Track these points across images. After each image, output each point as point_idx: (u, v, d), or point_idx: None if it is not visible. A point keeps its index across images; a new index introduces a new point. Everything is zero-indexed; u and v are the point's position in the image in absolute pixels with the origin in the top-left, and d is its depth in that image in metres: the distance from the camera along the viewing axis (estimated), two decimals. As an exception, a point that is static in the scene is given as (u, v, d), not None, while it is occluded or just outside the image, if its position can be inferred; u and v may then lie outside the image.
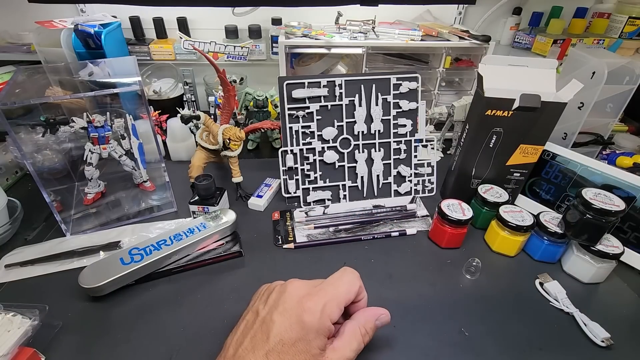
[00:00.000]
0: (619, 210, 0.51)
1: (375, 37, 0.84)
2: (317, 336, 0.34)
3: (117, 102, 0.64)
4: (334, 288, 0.37)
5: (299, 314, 0.34)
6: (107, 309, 0.49)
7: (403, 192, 0.71)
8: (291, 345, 0.33)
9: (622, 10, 0.92)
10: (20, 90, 0.55)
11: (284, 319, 0.34)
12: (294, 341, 0.33)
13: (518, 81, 0.59)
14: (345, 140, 0.67)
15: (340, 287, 0.37)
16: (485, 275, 0.56)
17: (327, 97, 0.65)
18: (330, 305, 0.35)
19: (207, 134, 0.68)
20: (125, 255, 0.52)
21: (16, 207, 0.62)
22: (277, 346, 0.32)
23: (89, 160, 0.63)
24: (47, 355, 0.43)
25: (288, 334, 0.33)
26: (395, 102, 0.67)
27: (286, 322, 0.34)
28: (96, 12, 0.93)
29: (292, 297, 0.36)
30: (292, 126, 0.65)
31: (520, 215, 0.59)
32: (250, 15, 0.93)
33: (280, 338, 0.33)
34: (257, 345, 0.33)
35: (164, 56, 0.97)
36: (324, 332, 0.34)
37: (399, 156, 0.70)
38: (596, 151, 0.81)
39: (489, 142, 0.62)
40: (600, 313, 0.50)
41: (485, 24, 1.04)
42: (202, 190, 0.62)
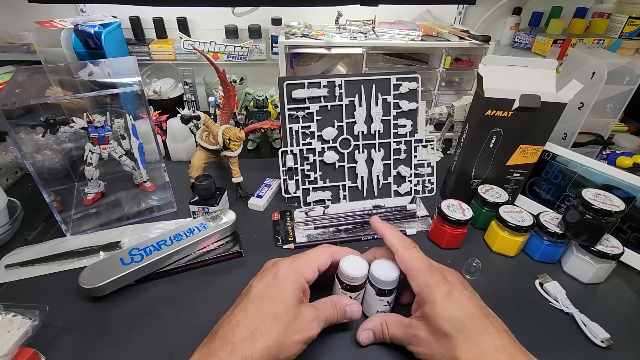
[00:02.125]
0: (619, 210, 0.51)
1: (375, 37, 0.84)
2: (290, 286, 0.39)
3: (117, 102, 0.64)
4: (305, 254, 0.44)
5: (275, 273, 0.40)
6: (107, 309, 0.49)
7: (403, 193, 0.71)
8: (267, 296, 0.38)
9: (622, 10, 0.92)
10: (20, 90, 0.55)
11: (261, 281, 0.40)
12: (269, 292, 0.38)
13: (518, 81, 0.59)
14: (345, 141, 0.67)
15: (310, 253, 0.44)
16: (485, 276, 0.56)
17: (327, 97, 0.65)
18: (302, 264, 0.41)
19: (207, 134, 0.68)
20: (125, 255, 0.52)
21: (16, 207, 0.62)
22: (254, 299, 0.38)
23: (89, 160, 0.63)
24: (47, 355, 0.43)
25: (265, 289, 0.39)
26: (395, 102, 0.67)
27: (264, 281, 0.40)
28: (96, 12, 0.93)
29: (269, 265, 0.43)
30: (292, 126, 0.65)
31: (520, 216, 0.59)
32: (250, 15, 0.93)
33: (258, 293, 0.38)
34: (236, 308, 0.38)
35: (164, 56, 0.97)
36: (297, 284, 0.39)
37: (399, 156, 0.70)
38: (596, 151, 0.81)
39: (489, 142, 0.62)
40: (600, 313, 0.50)
41: (485, 24, 1.04)
42: (202, 190, 0.62)
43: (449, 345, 0.36)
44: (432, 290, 0.38)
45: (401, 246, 0.42)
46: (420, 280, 0.39)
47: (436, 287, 0.38)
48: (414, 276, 0.40)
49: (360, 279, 0.44)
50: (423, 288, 0.39)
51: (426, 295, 0.39)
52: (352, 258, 0.45)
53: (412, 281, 0.40)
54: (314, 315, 0.39)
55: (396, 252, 0.42)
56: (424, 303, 0.39)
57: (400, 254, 0.42)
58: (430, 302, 0.38)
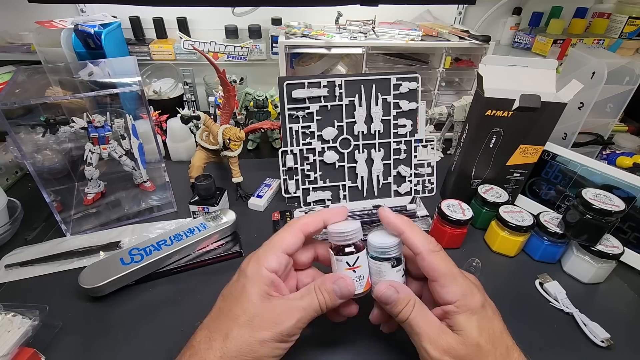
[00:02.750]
0: (619, 210, 0.51)
1: (375, 37, 0.84)
2: (251, 283, 0.35)
3: (117, 102, 0.65)
4: (268, 241, 0.38)
5: (241, 270, 0.37)
6: (107, 309, 0.49)
7: (403, 192, 0.71)
8: (229, 296, 0.36)
9: (622, 10, 0.92)
10: (20, 90, 0.55)
11: (229, 282, 0.38)
12: (233, 292, 0.36)
13: (518, 81, 0.59)
14: (345, 141, 0.67)
15: (272, 238, 0.39)
16: (485, 276, 0.56)
17: (327, 97, 0.65)
18: (263, 254, 0.37)
19: (207, 134, 0.68)
20: (125, 255, 0.52)
21: (16, 207, 0.62)
22: (219, 301, 0.37)
23: (89, 160, 0.63)
24: (47, 355, 0.43)
25: (228, 289, 0.37)
26: (395, 102, 0.67)
27: (231, 281, 0.38)
28: (96, 12, 0.93)
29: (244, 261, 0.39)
30: (292, 126, 0.65)
31: (520, 216, 0.59)
32: (250, 15, 0.93)
33: (222, 295, 0.37)
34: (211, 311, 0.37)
35: (164, 56, 0.97)
36: (259, 278, 0.35)
37: (399, 156, 0.69)
38: (596, 151, 0.81)
39: (489, 142, 0.62)
40: (600, 313, 0.50)
41: (485, 24, 1.04)
42: (202, 190, 0.62)
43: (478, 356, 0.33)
44: (468, 298, 0.34)
45: (427, 248, 0.36)
46: (454, 289, 0.35)
47: (472, 296, 0.35)
48: (445, 283, 0.35)
49: (351, 234, 0.37)
50: (459, 296, 0.34)
51: (462, 304, 0.34)
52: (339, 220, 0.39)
53: (442, 288, 0.35)
54: (284, 307, 0.35)
55: (420, 256, 0.36)
56: (457, 313, 0.34)
57: (427, 259, 0.35)
58: (467, 312, 0.34)
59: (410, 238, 0.36)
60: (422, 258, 0.36)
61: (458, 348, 0.33)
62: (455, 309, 0.34)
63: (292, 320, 0.34)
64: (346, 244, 0.38)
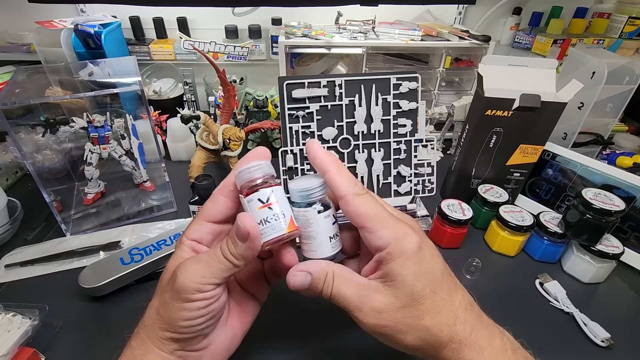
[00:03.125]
0: (619, 210, 0.51)
1: (375, 37, 0.84)
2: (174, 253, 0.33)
3: (117, 102, 0.65)
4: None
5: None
6: (107, 309, 0.49)
7: (403, 192, 0.71)
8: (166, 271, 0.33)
9: (622, 10, 0.92)
10: (20, 90, 0.55)
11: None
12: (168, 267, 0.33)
13: (518, 81, 0.59)
14: (345, 141, 0.67)
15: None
16: (485, 275, 0.56)
17: (327, 97, 0.65)
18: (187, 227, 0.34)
19: (207, 134, 0.68)
20: (125, 255, 0.52)
21: (16, 207, 0.62)
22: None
23: (89, 160, 0.63)
24: (47, 355, 0.43)
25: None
26: (395, 102, 0.67)
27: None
28: (96, 12, 0.93)
29: None
30: (292, 126, 0.65)
31: (520, 215, 0.59)
32: (250, 15, 0.93)
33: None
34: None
35: (164, 56, 0.97)
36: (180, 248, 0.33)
37: (398, 156, 0.69)
38: (596, 151, 0.81)
39: (489, 142, 0.62)
40: (600, 313, 0.50)
41: (485, 24, 1.04)
42: (202, 190, 0.62)
43: (417, 311, 0.29)
44: (401, 242, 0.29)
45: (351, 192, 0.31)
46: (384, 233, 0.30)
47: (405, 238, 0.30)
48: (374, 228, 0.30)
49: (256, 167, 0.32)
50: (390, 240, 0.29)
51: (395, 249, 0.29)
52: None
53: (371, 234, 0.30)
54: (184, 265, 0.30)
55: (344, 200, 0.31)
56: (390, 259, 0.29)
57: (350, 203, 0.30)
58: (401, 257, 0.29)
59: (335, 179, 0.31)
60: (346, 202, 0.31)
61: (391, 303, 0.29)
62: (387, 256, 0.30)
63: (187, 274, 0.29)
64: (254, 180, 0.32)
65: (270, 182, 0.33)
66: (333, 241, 0.34)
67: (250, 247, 0.29)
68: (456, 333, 0.29)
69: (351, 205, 0.30)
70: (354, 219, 0.31)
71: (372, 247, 0.31)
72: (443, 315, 0.29)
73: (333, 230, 0.34)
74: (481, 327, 0.30)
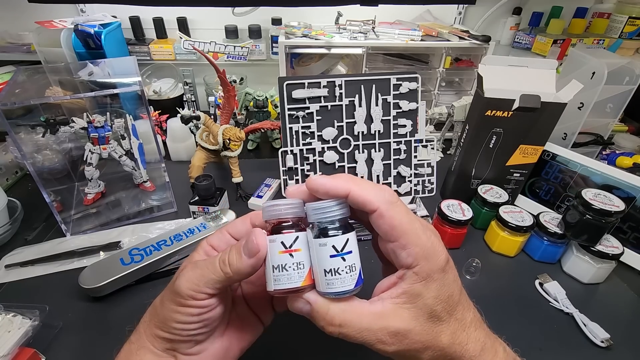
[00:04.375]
0: (619, 210, 0.51)
1: (375, 37, 0.84)
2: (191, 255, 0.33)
3: (117, 102, 0.65)
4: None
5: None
6: (107, 310, 0.49)
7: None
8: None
9: (622, 10, 0.92)
10: (20, 90, 0.55)
11: None
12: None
13: (518, 81, 0.59)
14: (345, 141, 0.67)
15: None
16: (485, 276, 0.56)
17: (327, 97, 0.65)
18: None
19: (207, 134, 0.68)
20: (125, 255, 0.52)
21: (16, 207, 0.62)
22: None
23: (89, 160, 0.63)
24: (47, 355, 0.43)
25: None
26: (395, 102, 0.67)
27: None
28: (96, 12, 0.93)
29: None
30: (292, 126, 0.65)
31: (520, 216, 0.59)
32: (250, 15, 0.93)
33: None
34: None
35: (164, 56, 0.97)
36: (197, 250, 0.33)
37: (398, 156, 0.69)
38: (596, 151, 0.81)
39: (489, 142, 0.62)
40: (600, 313, 0.50)
41: (485, 24, 1.04)
42: (202, 190, 0.62)
43: (434, 332, 0.28)
44: (430, 262, 0.27)
45: (385, 200, 0.27)
46: (416, 250, 0.27)
47: (435, 258, 0.27)
48: (407, 243, 0.27)
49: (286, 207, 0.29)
50: (420, 260, 0.27)
51: (423, 270, 0.27)
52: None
53: (403, 250, 0.27)
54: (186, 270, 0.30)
55: (378, 212, 0.27)
56: (415, 280, 0.27)
57: (386, 214, 0.27)
58: (427, 280, 0.27)
59: (361, 193, 0.27)
60: (380, 214, 0.27)
61: (410, 327, 0.27)
62: (413, 276, 0.27)
63: (184, 279, 0.29)
64: (281, 219, 0.29)
65: (300, 227, 0.30)
66: (353, 273, 0.28)
67: (252, 265, 0.28)
68: (467, 351, 0.29)
69: (386, 216, 0.27)
70: (387, 232, 0.28)
71: (400, 262, 0.28)
72: (457, 335, 0.29)
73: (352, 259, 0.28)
74: (489, 343, 0.30)
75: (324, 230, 0.28)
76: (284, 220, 0.29)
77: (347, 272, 0.28)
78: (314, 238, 0.28)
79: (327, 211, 0.28)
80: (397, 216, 0.27)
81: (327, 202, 0.28)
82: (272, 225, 0.30)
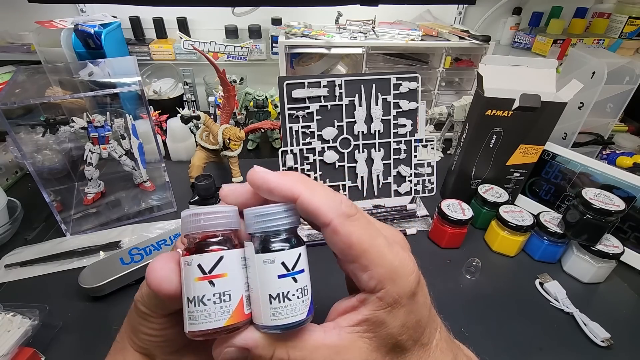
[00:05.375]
0: (619, 210, 0.51)
1: (375, 37, 0.84)
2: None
3: (117, 102, 0.65)
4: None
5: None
6: (107, 309, 0.49)
7: (403, 192, 0.71)
8: None
9: (622, 10, 0.92)
10: (20, 90, 0.55)
11: None
12: None
13: (518, 81, 0.59)
14: (345, 140, 0.67)
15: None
16: (485, 275, 0.56)
17: (327, 97, 0.65)
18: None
19: (207, 134, 0.68)
20: (125, 255, 0.52)
21: (16, 207, 0.62)
22: None
23: (89, 160, 0.63)
24: (47, 355, 0.43)
25: None
26: (395, 102, 0.67)
27: None
28: (96, 12, 0.93)
29: None
30: (292, 126, 0.65)
31: (520, 215, 0.59)
32: (250, 15, 0.93)
33: None
34: None
35: (164, 56, 0.97)
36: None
37: (398, 156, 0.69)
38: (596, 151, 0.81)
39: (489, 142, 0.62)
40: (600, 313, 0.50)
41: (485, 24, 1.04)
42: (202, 190, 0.62)
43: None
44: (397, 284, 0.22)
45: (341, 213, 0.22)
46: (380, 272, 0.22)
47: (403, 280, 0.23)
48: (368, 264, 0.22)
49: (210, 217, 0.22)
50: (385, 283, 0.22)
51: (389, 294, 0.22)
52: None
53: (364, 272, 0.22)
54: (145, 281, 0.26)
55: (331, 227, 0.22)
56: (379, 307, 0.23)
57: (341, 231, 0.22)
58: (393, 306, 0.23)
59: (311, 201, 0.22)
60: (334, 230, 0.22)
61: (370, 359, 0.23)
62: (377, 301, 0.23)
63: (139, 293, 0.26)
64: (205, 233, 0.22)
65: (231, 242, 0.23)
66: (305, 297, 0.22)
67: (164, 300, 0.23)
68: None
69: (342, 233, 0.22)
70: (344, 251, 0.22)
71: (361, 285, 0.23)
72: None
73: (304, 281, 0.22)
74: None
75: (269, 244, 0.22)
76: (208, 234, 0.22)
77: (299, 297, 0.22)
78: (256, 253, 0.22)
79: (274, 218, 0.22)
80: (355, 232, 0.22)
81: (274, 206, 0.22)
82: (194, 241, 0.22)
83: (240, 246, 0.23)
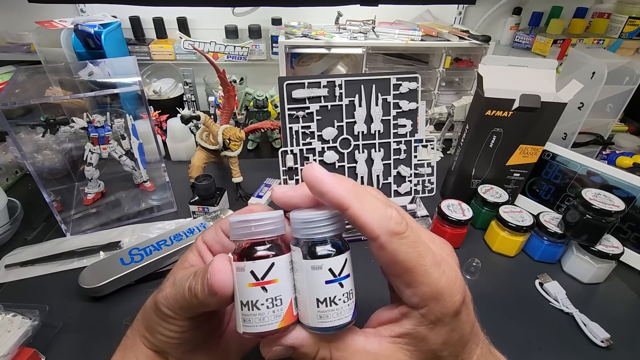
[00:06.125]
0: (619, 210, 0.51)
1: (375, 37, 0.84)
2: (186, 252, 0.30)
3: (117, 102, 0.65)
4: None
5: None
6: (107, 309, 0.49)
7: (403, 193, 0.71)
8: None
9: (622, 10, 0.92)
10: (20, 90, 0.55)
11: None
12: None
13: (518, 81, 0.59)
14: (345, 141, 0.67)
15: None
16: (485, 276, 0.56)
17: (327, 97, 0.65)
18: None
19: (207, 134, 0.68)
20: (125, 255, 0.52)
21: (16, 207, 0.62)
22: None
23: (89, 160, 0.63)
24: (47, 355, 0.43)
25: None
26: (395, 102, 0.67)
27: None
28: (96, 12, 0.94)
29: None
30: (292, 126, 0.65)
31: (520, 216, 0.59)
32: (250, 15, 0.93)
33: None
34: None
35: (164, 56, 0.97)
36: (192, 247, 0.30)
37: (398, 156, 0.69)
38: (596, 151, 0.81)
39: (489, 142, 0.62)
40: (600, 313, 0.50)
41: (485, 24, 1.04)
42: (202, 190, 0.62)
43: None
44: (441, 304, 0.22)
45: (389, 231, 0.21)
46: (424, 290, 0.22)
47: (448, 300, 0.22)
48: (413, 282, 0.22)
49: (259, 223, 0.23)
50: (429, 302, 0.22)
51: (432, 312, 0.22)
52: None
53: (408, 288, 0.22)
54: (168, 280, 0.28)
55: (377, 243, 0.22)
56: (422, 324, 0.23)
57: (388, 247, 0.21)
58: (437, 324, 0.23)
59: (360, 216, 0.22)
60: (381, 246, 0.22)
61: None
62: (420, 318, 0.23)
63: (163, 295, 0.26)
64: (253, 240, 0.23)
65: (280, 248, 0.23)
66: (350, 301, 0.23)
67: (217, 302, 0.24)
68: None
69: (388, 250, 0.22)
70: (389, 266, 0.23)
71: (404, 298, 0.23)
72: None
73: (349, 285, 0.23)
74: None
75: (316, 249, 0.22)
76: (257, 240, 0.23)
77: (345, 301, 0.22)
78: (304, 259, 0.22)
79: (322, 225, 0.22)
80: (402, 250, 0.22)
81: (321, 213, 0.22)
82: (240, 249, 0.23)
83: (286, 249, 0.24)
